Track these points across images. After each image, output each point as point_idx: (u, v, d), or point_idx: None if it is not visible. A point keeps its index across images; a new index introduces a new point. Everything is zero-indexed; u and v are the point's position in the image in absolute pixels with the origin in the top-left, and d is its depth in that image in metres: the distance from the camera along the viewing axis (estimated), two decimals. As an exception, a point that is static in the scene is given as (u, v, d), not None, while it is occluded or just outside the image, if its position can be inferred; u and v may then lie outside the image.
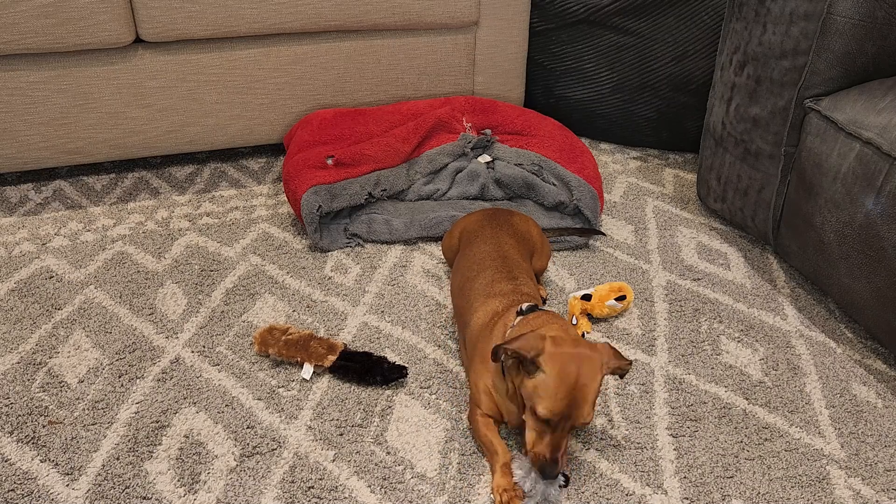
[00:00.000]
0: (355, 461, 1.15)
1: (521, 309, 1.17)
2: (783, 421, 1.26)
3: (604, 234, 1.71)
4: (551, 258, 1.65)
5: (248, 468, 1.14)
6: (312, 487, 1.11)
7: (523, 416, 1.07)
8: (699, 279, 1.61)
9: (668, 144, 2.17)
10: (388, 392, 1.28)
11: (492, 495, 1.09)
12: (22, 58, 1.67)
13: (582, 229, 1.68)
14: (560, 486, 1.08)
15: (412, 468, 1.14)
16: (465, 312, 1.29)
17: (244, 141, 1.95)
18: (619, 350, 1.40)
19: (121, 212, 1.78)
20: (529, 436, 1.05)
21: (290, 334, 1.31)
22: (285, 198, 1.81)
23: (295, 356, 1.30)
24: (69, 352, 1.35)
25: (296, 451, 1.16)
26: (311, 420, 1.22)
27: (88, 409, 1.23)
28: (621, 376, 1.09)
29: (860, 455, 1.20)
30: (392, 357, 1.35)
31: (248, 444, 1.17)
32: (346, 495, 1.10)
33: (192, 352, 1.36)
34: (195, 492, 1.10)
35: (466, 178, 1.81)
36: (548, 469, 1.02)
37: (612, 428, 1.23)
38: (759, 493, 1.13)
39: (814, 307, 1.55)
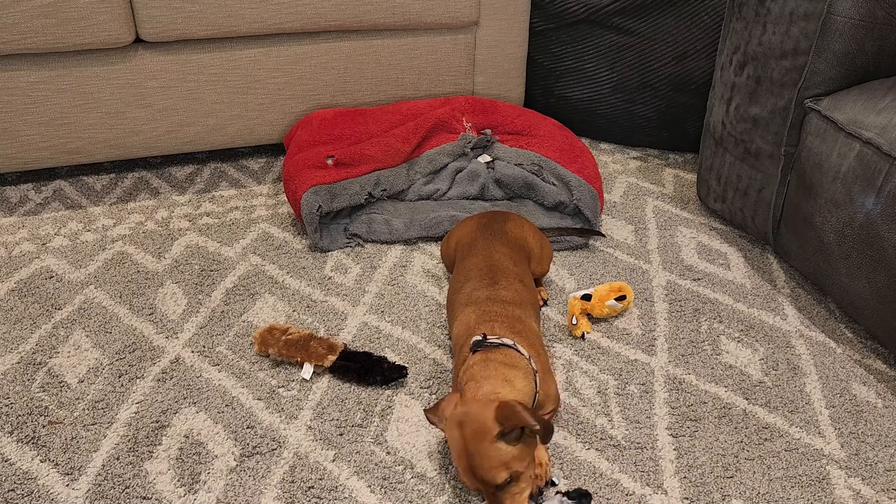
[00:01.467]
0: (355, 461, 1.15)
1: (472, 345, 1.14)
2: (783, 421, 1.26)
3: (603, 236, 1.71)
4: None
5: (248, 468, 1.14)
6: (312, 487, 1.11)
7: None
8: (699, 279, 1.61)
9: (668, 144, 2.17)
10: (388, 392, 1.28)
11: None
12: (22, 58, 1.67)
13: (581, 230, 1.67)
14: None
15: (412, 468, 1.14)
16: (450, 321, 1.28)
17: (244, 141, 1.95)
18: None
19: (121, 212, 1.79)
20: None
21: (290, 334, 1.32)
22: (285, 198, 1.81)
23: (295, 356, 1.30)
24: (69, 352, 1.35)
25: (296, 451, 1.16)
26: (311, 420, 1.22)
27: (88, 409, 1.23)
28: (542, 439, 1.01)
29: (860, 455, 1.20)
30: (392, 357, 1.35)
31: (248, 444, 1.17)
32: (346, 495, 1.10)
33: (192, 352, 1.36)
34: (195, 492, 1.10)
35: (466, 178, 1.81)
36: None
37: (612, 428, 1.23)
38: (759, 493, 1.13)
39: (814, 307, 1.55)
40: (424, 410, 1.07)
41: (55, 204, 1.81)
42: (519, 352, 1.11)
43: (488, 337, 1.13)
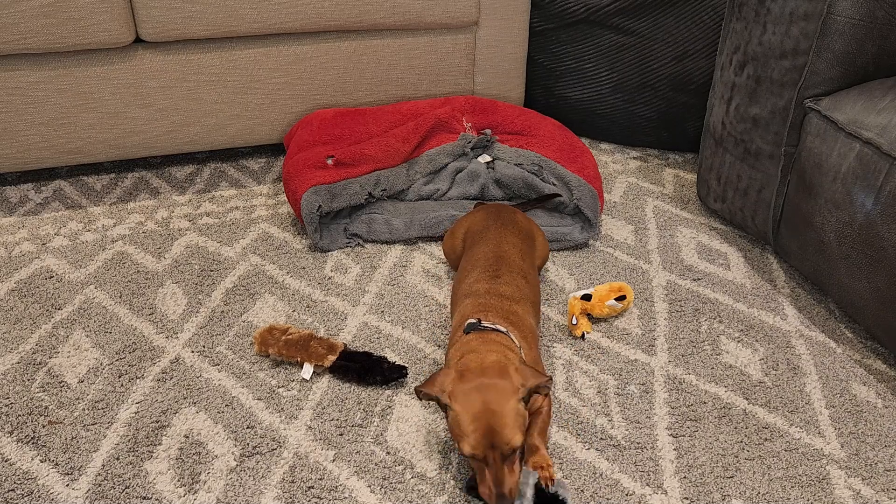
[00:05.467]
0: (355, 461, 1.15)
1: (465, 327, 1.15)
2: (783, 421, 1.26)
3: (560, 196, 1.71)
4: (551, 258, 1.65)
5: (248, 468, 1.14)
6: (312, 487, 1.11)
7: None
8: (699, 279, 1.61)
9: (668, 144, 2.17)
10: (388, 392, 1.28)
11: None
12: (22, 58, 1.67)
13: (541, 197, 1.72)
14: None
15: (412, 468, 1.14)
16: (452, 313, 1.29)
17: (244, 141, 1.95)
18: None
19: (121, 212, 1.79)
20: (476, 475, 1.03)
21: (290, 334, 1.32)
22: (285, 198, 1.81)
23: (295, 356, 1.30)
24: (69, 352, 1.35)
25: (296, 451, 1.17)
26: (311, 420, 1.22)
27: (88, 409, 1.23)
28: (545, 395, 1.06)
29: (860, 455, 1.20)
30: (392, 357, 1.35)
31: (248, 444, 1.17)
32: (346, 495, 1.10)
33: (192, 352, 1.36)
34: (195, 492, 1.10)
35: (466, 178, 1.81)
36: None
37: (612, 428, 1.23)
38: (759, 493, 1.13)
39: (814, 307, 1.55)
40: (416, 388, 1.04)
41: (55, 204, 1.81)
42: (511, 339, 1.14)
43: (483, 322, 1.15)
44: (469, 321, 1.15)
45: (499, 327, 1.14)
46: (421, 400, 1.05)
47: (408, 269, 1.61)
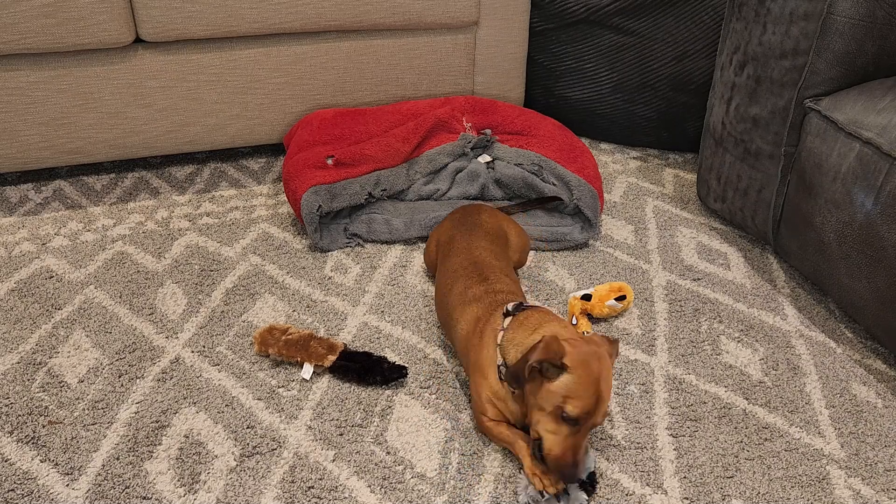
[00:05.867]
0: (355, 461, 1.15)
1: (507, 309, 1.17)
2: (783, 421, 1.26)
3: (562, 199, 1.71)
4: (551, 258, 1.65)
5: (248, 468, 1.14)
6: (312, 487, 1.11)
7: (536, 421, 1.06)
8: (699, 279, 1.61)
9: (668, 144, 2.18)
10: (388, 392, 1.28)
11: (529, 479, 1.08)
12: (22, 58, 1.67)
13: (541, 199, 1.72)
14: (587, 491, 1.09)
15: (412, 468, 1.14)
16: (449, 325, 1.29)
17: (244, 141, 1.95)
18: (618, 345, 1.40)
19: (121, 212, 1.79)
20: (548, 440, 1.04)
21: (290, 334, 1.32)
22: (285, 198, 1.81)
23: (295, 356, 1.30)
24: (69, 352, 1.35)
25: (296, 451, 1.17)
26: (311, 420, 1.22)
27: (88, 409, 1.23)
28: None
29: (860, 455, 1.20)
30: (392, 357, 1.35)
31: (248, 444, 1.17)
32: (346, 495, 1.10)
33: (192, 352, 1.36)
34: (195, 492, 1.10)
35: (466, 178, 1.81)
36: (569, 473, 1.02)
37: (612, 428, 1.23)
38: (759, 493, 1.13)
39: (814, 307, 1.55)
40: (529, 364, 1.02)
41: (55, 204, 1.81)
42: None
43: (523, 304, 1.18)
44: (513, 304, 1.17)
45: (538, 305, 1.18)
46: (519, 386, 1.06)
47: (408, 269, 1.61)
